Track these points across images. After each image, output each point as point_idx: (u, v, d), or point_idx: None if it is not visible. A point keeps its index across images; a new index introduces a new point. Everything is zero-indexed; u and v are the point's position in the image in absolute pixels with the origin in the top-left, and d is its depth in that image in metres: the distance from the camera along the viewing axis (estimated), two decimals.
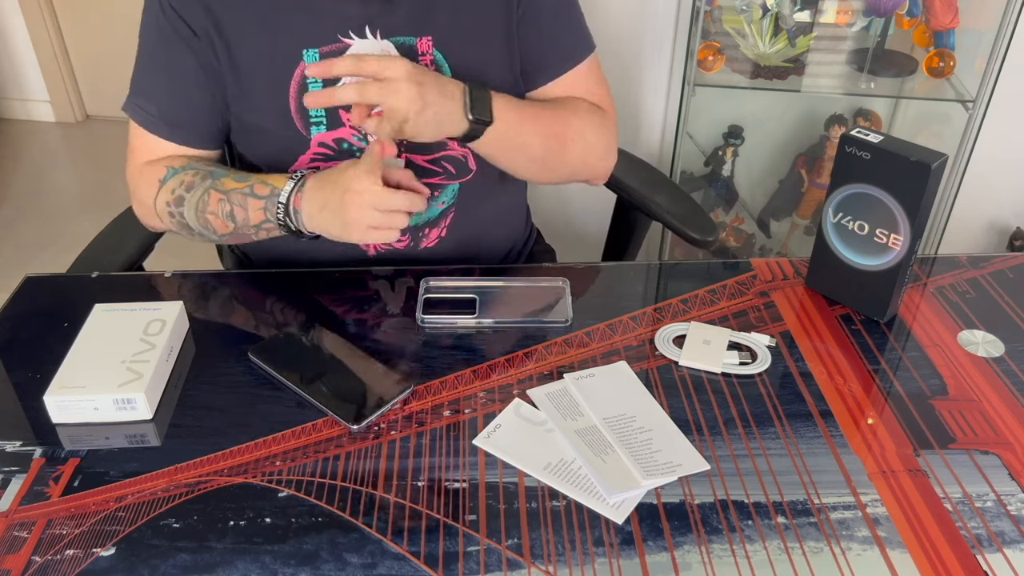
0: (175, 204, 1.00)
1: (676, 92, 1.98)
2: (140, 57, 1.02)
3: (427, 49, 1.00)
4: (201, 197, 0.98)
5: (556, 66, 1.09)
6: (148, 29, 1.00)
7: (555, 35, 1.09)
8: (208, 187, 0.98)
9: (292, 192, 0.94)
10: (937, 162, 0.87)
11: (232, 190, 0.97)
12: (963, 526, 0.72)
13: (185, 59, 0.98)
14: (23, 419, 0.82)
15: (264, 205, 0.95)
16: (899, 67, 1.87)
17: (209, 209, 0.98)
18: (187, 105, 1.01)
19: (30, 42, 3.02)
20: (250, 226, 0.97)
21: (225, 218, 0.97)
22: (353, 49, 0.98)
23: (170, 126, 1.02)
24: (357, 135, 1.01)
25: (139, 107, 1.02)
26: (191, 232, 1.02)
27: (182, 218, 1.00)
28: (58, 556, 0.69)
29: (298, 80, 0.98)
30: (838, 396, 0.86)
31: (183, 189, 0.99)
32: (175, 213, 1.00)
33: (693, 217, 1.22)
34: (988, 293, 1.01)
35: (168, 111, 1.02)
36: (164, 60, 1.00)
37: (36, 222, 2.62)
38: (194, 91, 1.00)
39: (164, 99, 1.01)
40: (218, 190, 0.97)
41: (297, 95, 0.98)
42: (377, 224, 0.89)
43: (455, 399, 0.85)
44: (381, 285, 1.01)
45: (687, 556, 0.69)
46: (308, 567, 0.68)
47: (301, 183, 0.94)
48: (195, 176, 0.99)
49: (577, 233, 2.11)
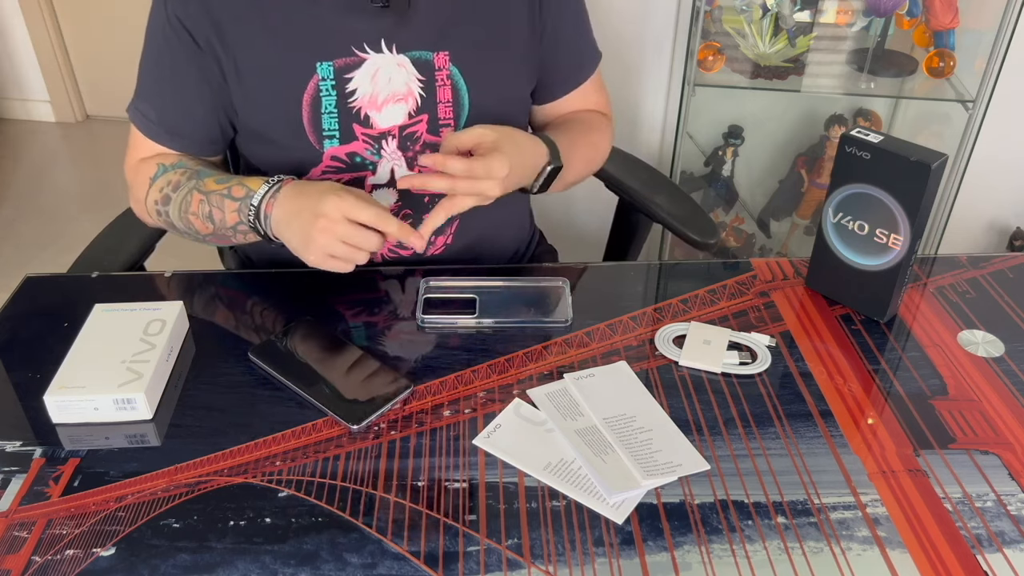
0: (162, 203, 1.00)
1: (676, 92, 1.98)
2: (144, 61, 1.02)
3: (444, 64, 1.00)
4: (185, 197, 0.97)
5: (572, 78, 1.11)
6: (154, 35, 0.99)
7: (574, 49, 1.10)
8: (192, 187, 0.97)
9: (265, 195, 0.92)
10: (937, 162, 0.87)
11: (212, 191, 0.96)
12: (963, 526, 0.72)
13: (188, 70, 0.98)
14: (23, 419, 0.82)
15: (238, 207, 0.94)
16: (899, 67, 1.87)
17: (191, 210, 0.97)
18: (187, 115, 1.01)
19: (30, 42, 3.02)
20: (227, 227, 0.96)
21: (205, 219, 0.97)
22: (370, 63, 0.97)
23: (169, 133, 1.02)
24: (370, 148, 1.01)
25: (140, 112, 1.03)
26: (177, 231, 1.02)
27: (168, 217, 1.00)
28: (58, 556, 0.69)
29: (311, 92, 0.97)
30: (838, 396, 0.86)
31: (170, 188, 0.99)
32: (162, 212, 1.00)
33: (694, 219, 1.22)
34: (988, 293, 1.01)
35: (167, 119, 1.02)
36: (167, 68, 0.99)
37: (36, 222, 2.62)
38: (195, 102, 1.00)
39: (165, 107, 1.01)
40: (200, 191, 0.97)
41: (311, 107, 0.98)
42: (339, 256, 0.87)
43: (455, 399, 0.85)
44: (381, 285, 1.01)
45: (687, 556, 0.69)
46: (308, 567, 0.68)
47: (277, 188, 0.92)
48: (182, 175, 0.99)
49: (579, 234, 2.11)
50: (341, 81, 0.97)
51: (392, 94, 0.99)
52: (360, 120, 0.99)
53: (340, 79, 0.97)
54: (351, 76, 0.97)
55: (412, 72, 0.99)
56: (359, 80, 0.98)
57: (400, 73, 0.99)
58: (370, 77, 0.98)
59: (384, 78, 0.98)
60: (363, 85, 0.98)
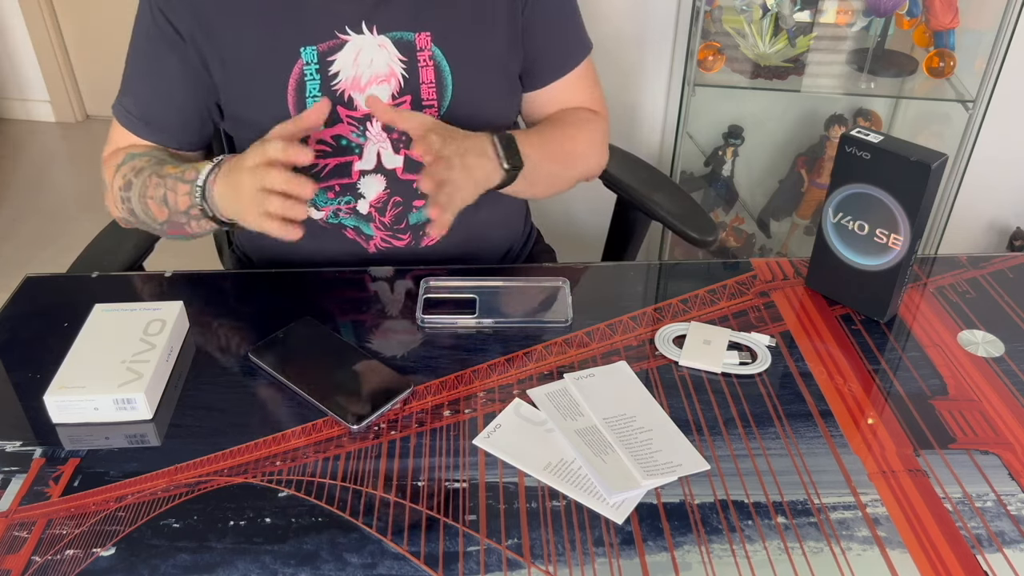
0: (124, 188, 0.99)
1: (676, 92, 1.98)
2: (129, 56, 1.03)
3: (425, 45, 1.00)
4: (144, 181, 0.97)
5: (559, 67, 1.09)
6: (138, 30, 1.01)
7: (559, 34, 1.09)
8: (152, 171, 0.97)
9: (210, 173, 0.91)
10: (937, 162, 0.87)
11: (168, 175, 0.95)
12: (963, 526, 0.72)
13: (169, 62, 0.99)
14: (23, 419, 0.82)
15: (189, 189, 0.93)
16: (899, 67, 1.87)
17: (148, 193, 0.97)
18: (168, 107, 1.02)
19: (30, 42, 3.02)
20: (179, 212, 0.95)
21: (160, 203, 0.96)
22: (352, 45, 0.98)
23: (148, 125, 1.03)
24: (356, 131, 1.01)
25: (123, 107, 1.03)
26: (139, 221, 1.01)
27: (129, 203, 0.99)
28: (58, 556, 0.69)
29: (296, 77, 0.98)
30: (838, 396, 0.86)
31: (132, 174, 0.99)
32: (124, 199, 1.00)
33: (693, 217, 1.22)
34: (988, 293, 1.01)
35: (148, 112, 1.02)
36: (150, 61, 1.00)
37: (36, 222, 2.62)
38: (177, 94, 1.01)
39: (146, 99, 1.02)
40: (158, 174, 0.96)
41: (296, 92, 0.98)
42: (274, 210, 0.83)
43: (455, 399, 0.85)
44: (381, 285, 1.01)
45: (687, 556, 0.69)
46: (308, 567, 0.68)
47: (219, 164, 0.91)
48: (147, 162, 0.99)
49: (577, 233, 2.11)
50: (324, 64, 0.98)
51: (375, 75, 0.99)
52: (344, 102, 0.99)
53: (323, 62, 0.98)
54: (333, 59, 0.98)
55: (394, 53, 0.99)
56: (341, 62, 0.98)
57: (382, 54, 0.99)
58: (352, 59, 0.98)
59: (366, 59, 0.99)
60: (346, 67, 0.98)
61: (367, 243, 1.07)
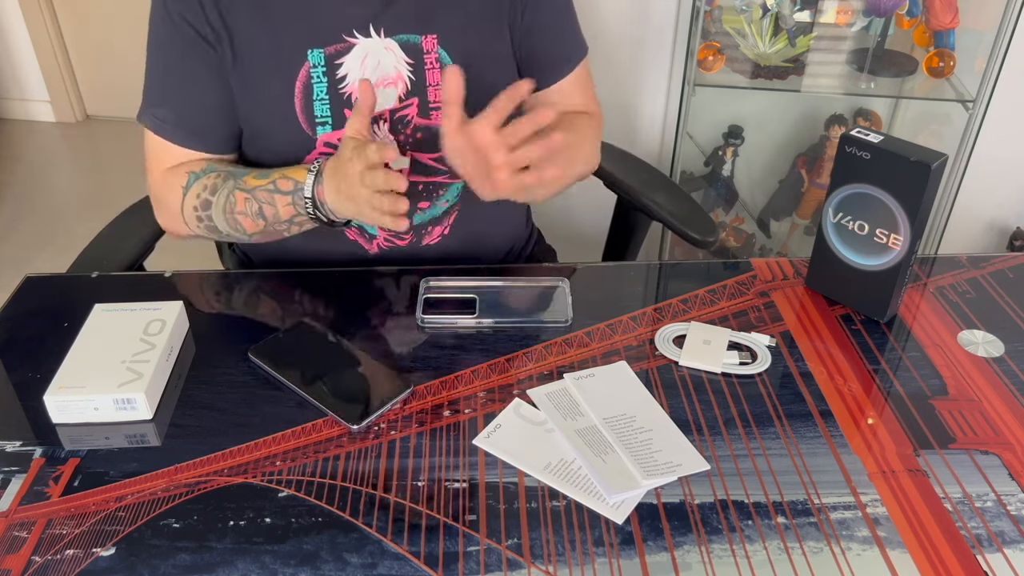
0: (202, 208, 1.00)
1: (676, 92, 1.98)
2: (150, 66, 1.01)
3: (432, 47, 1.00)
4: (227, 198, 0.98)
5: (557, 69, 1.10)
6: (156, 37, 0.99)
7: (555, 37, 1.09)
8: (232, 188, 0.98)
9: (314, 185, 0.94)
10: (937, 162, 0.87)
11: (255, 188, 0.97)
12: (963, 526, 0.72)
13: (196, 65, 0.98)
14: (23, 419, 0.82)
15: (291, 200, 0.95)
16: (899, 67, 1.87)
17: (237, 209, 0.98)
18: (201, 111, 1.01)
19: (30, 42, 3.02)
20: (282, 222, 0.97)
21: (255, 216, 0.98)
22: (359, 48, 0.98)
23: (186, 133, 1.02)
24: None
25: (154, 116, 1.02)
26: (219, 235, 1.02)
27: (211, 221, 1.00)
28: (58, 556, 0.69)
29: (303, 80, 0.98)
30: (838, 396, 0.86)
31: (208, 193, 0.99)
32: (203, 217, 1.00)
33: (693, 217, 1.22)
34: (988, 293, 1.01)
35: (182, 119, 1.01)
36: (175, 67, 0.99)
37: (36, 222, 2.62)
38: (207, 96, 1.00)
39: (178, 107, 1.01)
40: (242, 189, 0.97)
41: (303, 95, 0.98)
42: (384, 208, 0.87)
43: (455, 399, 0.85)
44: (381, 285, 1.01)
45: (687, 556, 0.69)
46: (308, 567, 0.68)
47: (319, 173, 0.94)
48: (217, 179, 0.99)
49: (578, 233, 2.11)
50: (332, 67, 0.98)
51: (382, 78, 1.00)
52: (351, 105, 0.99)
53: (331, 65, 0.98)
54: (341, 62, 0.98)
55: (400, 56, 0.99)
56: (349, 65, 0.98)
57: (388, 57, 0.99)
58: (359, 62, 0.99)
59: (373, 62, 0.99)
60: (353, 70, 0.99)
61: (369, 243, 1.07)
